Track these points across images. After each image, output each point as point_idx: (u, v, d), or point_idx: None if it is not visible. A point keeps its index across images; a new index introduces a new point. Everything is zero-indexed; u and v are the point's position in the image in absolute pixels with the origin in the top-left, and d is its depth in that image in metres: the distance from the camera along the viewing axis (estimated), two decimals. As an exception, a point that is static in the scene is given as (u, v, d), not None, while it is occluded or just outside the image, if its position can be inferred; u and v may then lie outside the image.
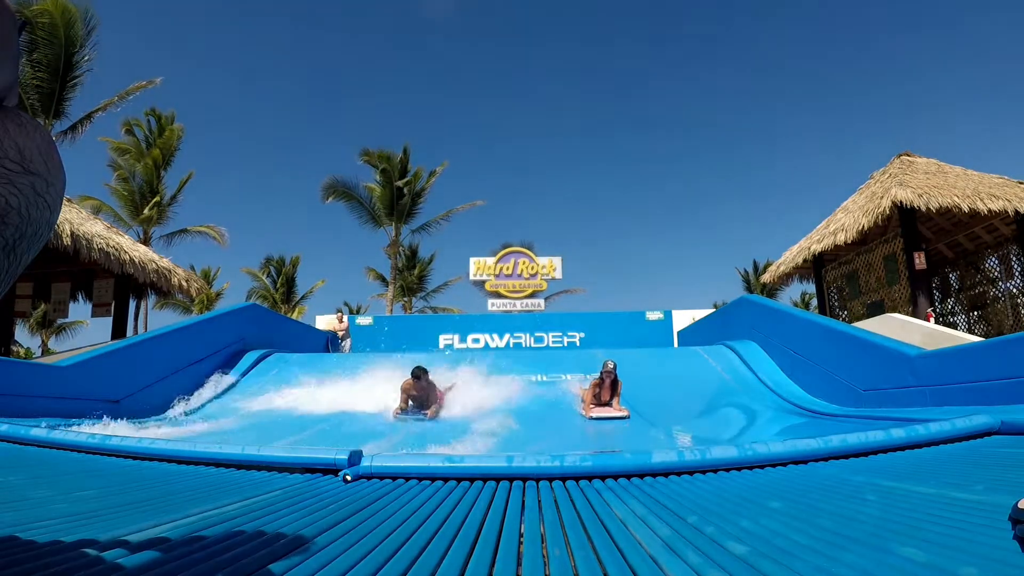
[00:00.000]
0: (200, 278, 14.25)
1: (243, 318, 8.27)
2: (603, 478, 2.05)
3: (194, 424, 5.25)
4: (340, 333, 12.06)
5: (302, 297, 27.56)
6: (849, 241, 10.32)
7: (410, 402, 5.62)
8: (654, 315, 14.40)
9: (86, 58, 12.65)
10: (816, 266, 12.42)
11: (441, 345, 13.56)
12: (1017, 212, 8.99)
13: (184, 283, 11.31)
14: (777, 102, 69.43)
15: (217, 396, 6.41)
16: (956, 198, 9.00)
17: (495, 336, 14.17)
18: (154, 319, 25.33)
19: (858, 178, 18.83)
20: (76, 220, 9.33)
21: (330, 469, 2.22)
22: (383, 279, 24.01)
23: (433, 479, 2.08)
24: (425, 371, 5.58)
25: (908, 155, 10.85)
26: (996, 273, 11.00)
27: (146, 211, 17.31)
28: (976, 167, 10.29)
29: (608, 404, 5.58)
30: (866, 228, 9.91)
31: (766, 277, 13.36)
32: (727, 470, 2.14)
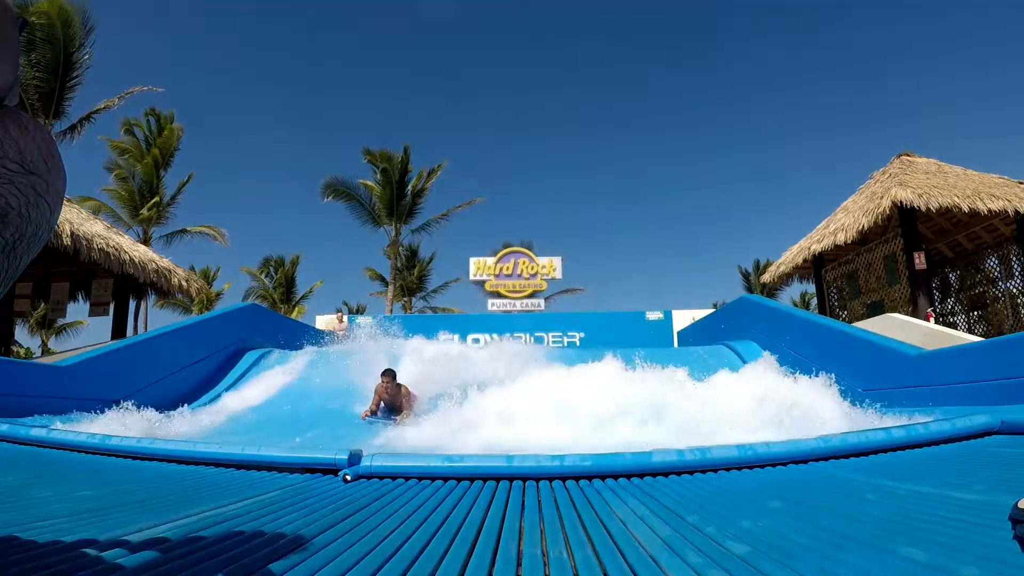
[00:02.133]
0: (200, 278, 14.26)
1: (243, 318, 8.27)
2: (603, 478, 2.04)
3: (194, 424, 5.24)
4: (340, 333, 12.05)
5: (302, 297, 27.58)
6: (849, 241, 10.32)
7: (381, 404, 5.60)
8: (654, 315, 14.40)
9: (85, 57, 12.66)
10: (816, 266, 12.42)
11: (441, 345, 13.56)
12: (1017, 212, 8.99)
13: (184, 283, 11.31)
14: (777, 102, 69.47)
15: (217, 395, 6.41)
16: (956, 198, 9.00)
17: (495, 336, 14.17)
18: (154, 319, 25.35)
19: (858, 178, 18.83)
20: (76, 220, 9.33)
21: (330, 469, 2.22)
22: (383, 279, 24.04)
23: (433, 479, 2.08)
24: (393, 372, 5.59)
25: (908, 155, 10.86)
26: (996, 273, 11.01)
27: (145, 211, 17.32)
28: (976, 167, 10.30)
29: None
30: (866, 228, 9.91)
31: (766, 277, 13.36)
32: (727, 470, 2.14)
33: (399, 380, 5.73)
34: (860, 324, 7.45)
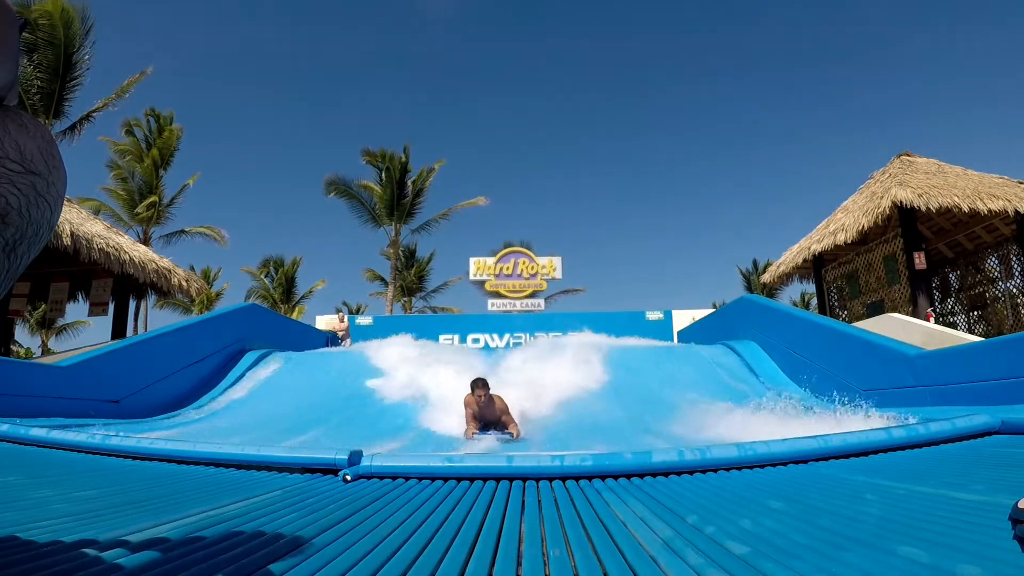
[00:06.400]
0: (200, 278, 14.26)
1: (243, 318, 8.26)
2: (603, 478, 2.04)
3: (195, 424, 5.24)
4: (340, 333, 12.06)
5: (302, 297, 27.58)
6: (849, 241, 10.32)
7: (480, 421, 4.82)
8: (654, 315, 14.39)
9: (85, 57, 12.66)
10: (816, 266, 12.42)
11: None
12: (1017, 212, 8.99)
13: (184, 283, 11.31)
14: (777, 102, 69.49)
15: (217, 395, 6.41)
16: (956, 198, 9.00)
17: (495, 336, 14.17)
18: (154, 319, 25.39)
19: (858, 178, 18.84)
20: (76, 220, 9.33)
21: (330, 469, 2.22)
22: (382, 280, 24.04)
23: (433, 479, 2.08)
24: (485, 383, 4.77)
25: (908, 155, 10.85)
26: (996, 273, 11.01)
27: (143, 211, 17.31)
28: (976, 167, 10.30)
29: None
30: (866, 228, 9.91)
31: (766, 277, 13.36)
32: (727, 469, 2.13)
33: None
34: (860, 324, 7.45)
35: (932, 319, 8.65)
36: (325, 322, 13.44)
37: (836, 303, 12.48)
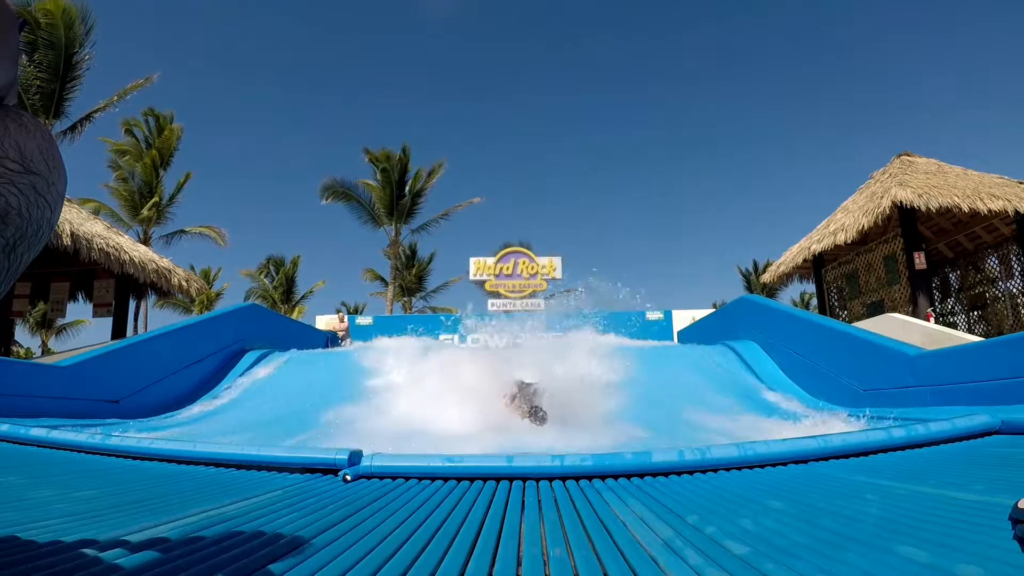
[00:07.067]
0: (200, 278, 14.26)
1: (243, 318, 8.26)
2: (603, 478, 2.04)
3: (195, 424, 5.24)
4: (340, 333, 12.07)
5: (302, 297, 27.59)
6: (849, 241, 10.33)
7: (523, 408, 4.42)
8: (654, 315, 14.41)
9: (86, 57, 12.67)
10: (816, 266, 12.43)
11: (441, 345, 13.55)
12: (1017, 212, 9.00)
13: (184, 283, 11.32)
14: (777, 102, 69.53)
15: (216, 395, 6.41)
16: (956, 198, 9.01)
17: (495, 336, 14.17)
18: (154, 319, 25.39)
19: (858, 178, 18.84)
20: (76, 220, 9.34)
21: (330, 469, 2.22)
22: (382, 280, 24.05)
23: (433, 479, 2.08)
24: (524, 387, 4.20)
25: (908, 155, 10.86)
26: (996, 273, 11.01)
27: (144, 211, 17.32)
28: (976, 167, 10.32)
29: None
30: (866, 228, 9.92)
31: (766, 277, 13.37)
32: (727, 469, 2.13)
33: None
34: (860, 324, 7.45)
35: (932, 319, 8.66)
36: (325, 322, 13.45)
37: (836, 303, 12.48)
